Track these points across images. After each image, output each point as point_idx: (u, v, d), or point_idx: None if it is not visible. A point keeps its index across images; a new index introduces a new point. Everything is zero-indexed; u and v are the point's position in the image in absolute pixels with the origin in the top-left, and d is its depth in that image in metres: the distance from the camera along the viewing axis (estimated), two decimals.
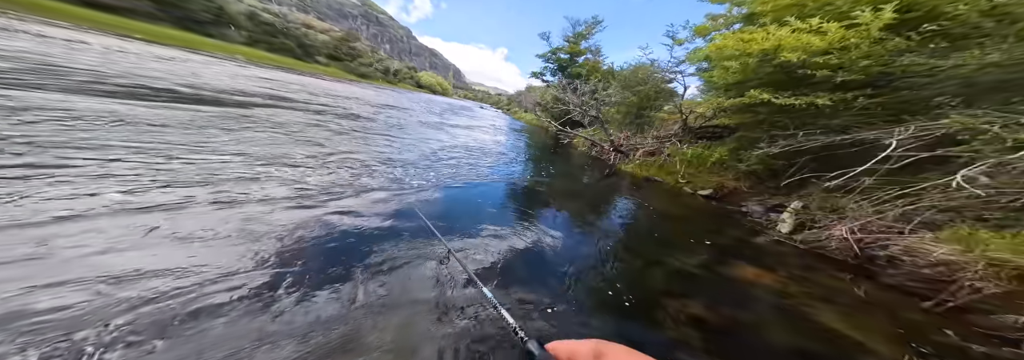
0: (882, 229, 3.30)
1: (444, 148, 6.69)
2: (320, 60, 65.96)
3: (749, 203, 5.14)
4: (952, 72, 2.79)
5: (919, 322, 2.30)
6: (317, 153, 4.22)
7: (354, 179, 3.48)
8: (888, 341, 2.02)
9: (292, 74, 24.37)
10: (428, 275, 1.97)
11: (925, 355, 1.92)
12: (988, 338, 2.11)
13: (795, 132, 4.36)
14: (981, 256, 2.44)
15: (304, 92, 12.11)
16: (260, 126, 5.04)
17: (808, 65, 4.29)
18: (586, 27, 18.96)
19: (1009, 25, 2.59)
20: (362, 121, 8.10)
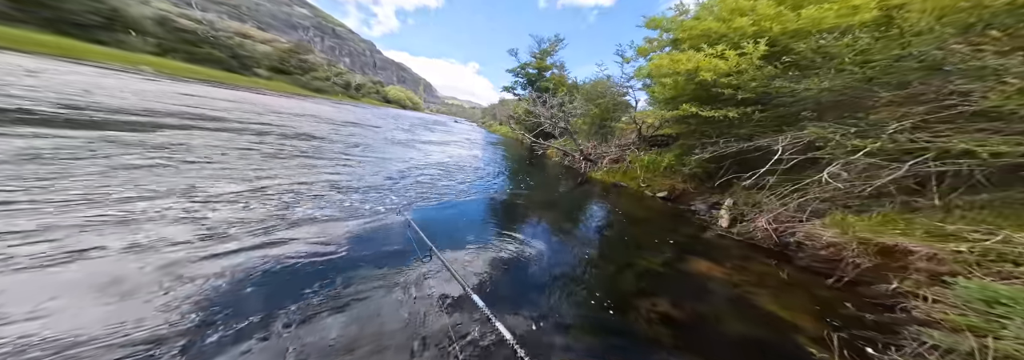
0: (788, 219, 4.08)
1: (414, 167, 6.28)
2: (261, 73, 59.92)
3: (696, 202, 5.95)
4: (804, 94, 3.73)
5: (827, 298, 2.66)
6: (245, 183, 3.47)
7: (287, 212, 2.89)
8: (811, 318, 2.34)
9: (223, 89, 21.38)
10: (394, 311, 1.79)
11: (837, 328, 2.20)
12: (874, 306, 2.48)
13: (717, 140, 5.27)
14: (854, 237, 2.99)
15: (240, 110, 10.54)
16: (162, 153, 4.10)
17: (718, 84, 5.29)
18: (550, 44, 20.51)
19: (830, 61, 3.56)
20: (315, 142, 7.13)
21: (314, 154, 5.92)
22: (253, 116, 9.65)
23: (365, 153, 6.96)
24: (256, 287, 1.86)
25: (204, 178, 3.48)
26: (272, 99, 20.56)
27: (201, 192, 3.06)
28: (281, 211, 2.95)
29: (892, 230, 2.89)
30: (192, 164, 3.90)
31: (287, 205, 3.10)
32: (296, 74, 68.05)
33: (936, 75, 2.64)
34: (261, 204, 3.03)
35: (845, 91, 3.35)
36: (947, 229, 2.52)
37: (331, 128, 10.38)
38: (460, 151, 10.90)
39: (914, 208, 2.83)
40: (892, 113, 2.91)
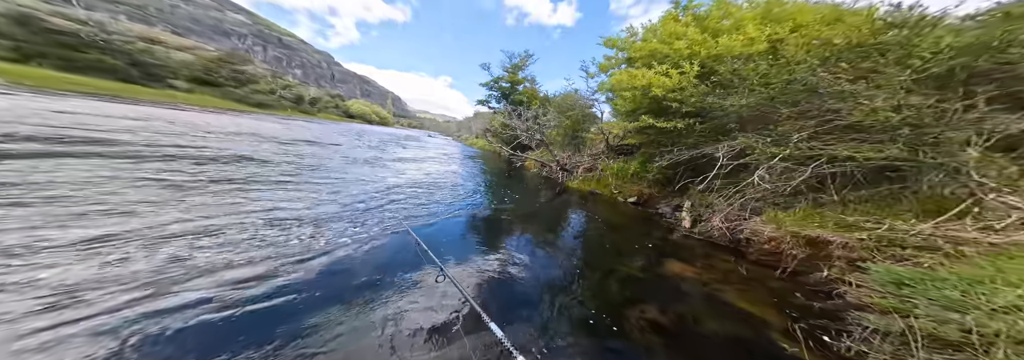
0: (736, 217, 4.65)
1: (383, 190, 5.57)
2: (177, 85, 51.77)
3: (661, 205, 6.53)
4: (730, 109, 4.42)
5: (779, 289, 2.88)
6: (136, 225, 2.68)
7: (187, 263, 2.20)
8: (773, 311, 2.50)
9: (121, 104, 18.11)
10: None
11: (796, 319, 2.36)
12: (816, 294, 2.72)
13: (672, 148, 5.93)
14: (786, 231, 3.44)
15: (146, 130, 8.62)
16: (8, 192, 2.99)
17: (667, 99, 6.01)
18: (521, 59, 21.65)
19: (743, 82, 4.30)
20: (249, 166, 5.87)
21: (243, 181, 4.74)
22: (164, 137, 7.74)
23: (320, 176, 5.84)
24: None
25: (72, 222, 2.60)
26: (195, 116, 17.44)
27: (69, 240, 2.32)
28: (176, 263, 2.23)
29: (812, 223, 3.45)
30: (49, 206, 2.86)
31: (190, 252, 2.36)
32: (228, 86, 60.70)
33: (816, 96, 3.34)
34: (151, 253, 2.30)
35: (758, 107, 4.05)
36: (848, 220, 3.10)
37: (275, 149, 8.75)
38: (437, 167, 10.53)
39: (822, 203, 3.44)
40: (793, 126, 3.58)
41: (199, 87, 56.38)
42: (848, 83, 2.91)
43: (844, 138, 3.10)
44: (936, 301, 1.91)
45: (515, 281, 2.77)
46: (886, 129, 2.67)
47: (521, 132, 12.46)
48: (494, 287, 2.62)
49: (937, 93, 2.43)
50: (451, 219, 4.60)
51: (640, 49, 7.55)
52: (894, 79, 2.51)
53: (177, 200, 3.53)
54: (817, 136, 3.35)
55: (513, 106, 15.85)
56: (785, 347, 2.07)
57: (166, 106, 22.91)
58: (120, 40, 52.08)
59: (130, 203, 3.22)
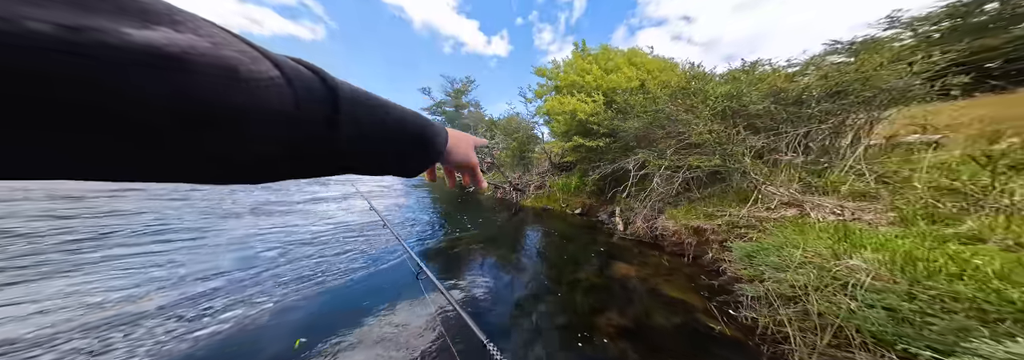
0: (651, 217, 5.97)
1: (289, 244, 4.35)
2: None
3: (601, 213, 7.80)
4: (628, 130, 5.94)
5: (691, 274, 3.47)
6: None
7: None
8: (694, 295, 2.97)
9: None
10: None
11: (708, 298, 2.83)
12: (711, 273, 3.36)
13: (599, 163, 7.35)
14: (681, 225, 4.68)
15: None
16: None
17: (590, 122, 7.55)
18: (463, 84, 23.29)
19: (632, 109, 5.92)
20: (52, 237, 4.23)
21: (70, 253, 3.60)
22: None
23: (195, 237, 4.42)
24: None
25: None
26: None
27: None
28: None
29: (693, 216, 4.82)
30: None
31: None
32: None
33: (671, 122, 4.92)
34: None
35: (644, 129, 5.60)
36: (710, 211, 4.47)
37: (138, 203, 6.72)
38: (370, 203, 9.73)
39: (693, 200, 4.86)
40: (665, 144, 5.10)
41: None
42: (684, 114, 4.48)
43: (691, 152, 4.62)
44: (770, 266, 2.60)
45: (487, 306, 2.90)
46: (709, 145, 4.17)
47: None
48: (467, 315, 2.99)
49: (723, 122, 4.04)
50: (405, 259, 4.19)
51: (564, 79, 9.34)
52: (703, 113, 4.07)
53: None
54: (679, 151, 4.86)
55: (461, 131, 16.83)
56: (712, 326, 2.43)
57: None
58: None
59: None
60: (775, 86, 3.70)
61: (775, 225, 3.45)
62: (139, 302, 2.70)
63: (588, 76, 8.39)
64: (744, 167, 3.80)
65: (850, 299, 2.14)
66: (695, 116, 4.26)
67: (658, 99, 5.16)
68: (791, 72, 3.75)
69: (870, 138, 3.44)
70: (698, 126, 4.12)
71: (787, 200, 3.46)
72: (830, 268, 2.45)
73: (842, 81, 3.15)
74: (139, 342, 2.20)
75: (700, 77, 4.25)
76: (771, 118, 3.76)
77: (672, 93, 4.87)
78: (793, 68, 3.74)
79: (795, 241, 3.01)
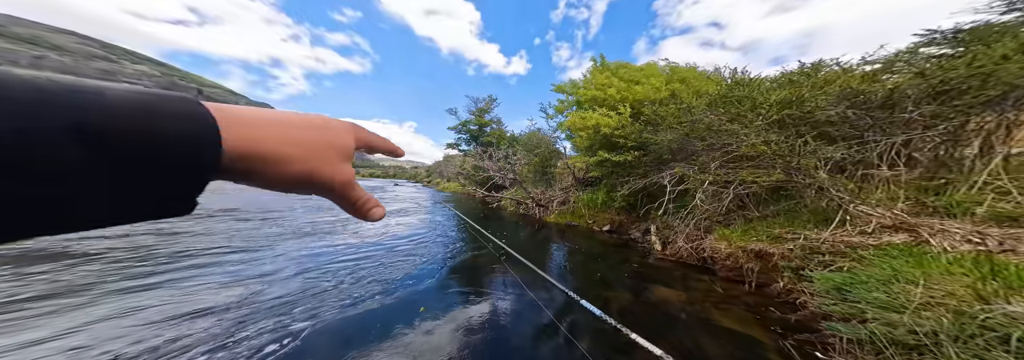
0: (696, 237, 5.20)
1: (336, 273, 4.04)
2: None
3: (632, 231, 7.05)
4: (661, 143, 5.37)
5: (754, 304, 3.01)
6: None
7: None
8: (758, 328, 2.58)
9: None
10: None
11: (781, 335, 2.42)
12: (782, 305, 2.85)
13: (628, 178, 6.73)
14: (736, 247, 3.88)
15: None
16: None
17: (614, 135, 7.05)
18: (486, 103, 23.90)
19: (664, 120, 5.38)
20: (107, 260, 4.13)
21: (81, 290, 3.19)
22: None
23: (238, 264, 4.19)
24: None
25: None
26: None
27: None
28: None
29: (752, 238, 4.04)
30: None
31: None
32: None
33: (712, 133, 4.31)
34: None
35: (679, 142, 5.01)
36: (776, 232, 3.70)
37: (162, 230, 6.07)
38: (405, 220, 9.72)
39: (750, 219, 4.10)
40: (708, 156, 4.46)
41: None
42: (727, 124, 3.89)
43: (743, 165, 3.95)
44: (874, 303, 2.07)
45: (511, 324, 2.73)
46: (766, 158, 3.52)
47: (494, 172, 13.18)
48: (489, 334, 2.57)
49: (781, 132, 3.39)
50: (435, 269, 4.51)
51: (584, 94, 9.03)
52: (755, 122, 3.47)
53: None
54: (726, 164, 4.20)
55: (483, 147, 16.97)
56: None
57: None
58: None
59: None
60: (849, 88, 3.05)
61: (875, 253, 2.69)
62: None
63: (610, 89, 8.01)
64: (819, 183, 3.10)
65: (1014, 357, 1.59)
66: (743, 126, 3.66)
67: (694, 109, 4.61)
68: (869, 71, 3.10)
69: (1009, 146, 2.63)
70: (749, 137, 3.51)
71: (891, 223, 2.69)
72: (976, 314, 1.80)
73: (950, 78, 2.48)
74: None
75: (745, 83, 3.71)
76: (850, 125, 3.08)
77: (710, 102, 4.31)
78: (872, 66, 3.09)
79: (909, 274, 2.28)
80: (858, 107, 2.98)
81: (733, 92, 3.98)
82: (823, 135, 3.12)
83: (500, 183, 13.64)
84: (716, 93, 4.29)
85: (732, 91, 4.02)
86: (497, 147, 16.41)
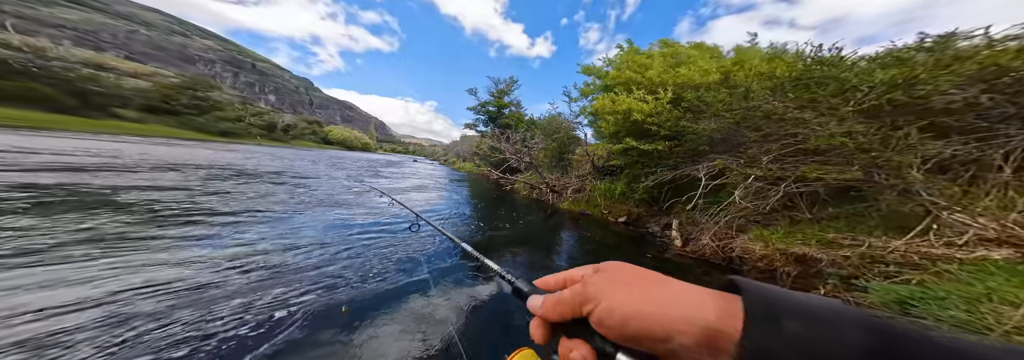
0: (724, 235, 4.76)
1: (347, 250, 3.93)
2: (125, 114, 47.66)
3: (650, 224, 6.62)
4: (701, 132, 4.76)
5: None
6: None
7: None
8: None
9: (36, 136, 15.47)
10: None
11: None
12: None
13: (655, 169, 6.19)
14: (774, 249, 3.49)
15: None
16: None
17: (647, 122, 6.42)
18: (506, 84, 22.87)
19: (709, 107, 4.72)
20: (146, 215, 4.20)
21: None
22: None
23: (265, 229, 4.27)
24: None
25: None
26: (123, 146, 15.26)
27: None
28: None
29: (796, 241, 3.57)
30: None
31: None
32: (188, 114, 55.91)
33: (773, 122, 3.69)
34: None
35: (725, 131, 4.40)
36: (828, 237, 3.23)
37: (200, 182, 6.96)
38: (421, 196, 9.98)
39: (797, 221, 3.61)
40: (760, 149, 3.88)
41: (152, 116, 51.66)
42: (795, 111, 3.26)
43: (806, 160, 3.38)
44: (945, 321, 1.87)
45: (513, 309, 2.66)
46: (843, 153, 2.95)
47: (510, 155, 12.74)
48: (491, 317, 2.54)
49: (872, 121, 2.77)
50: (448, 244, 4.42)
51: (616, 77, 8.22)
52: (841, 108, 2.84)
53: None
54: (782, 158, 3.63)
55: (501, 129, 16.38)
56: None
57: (94, 137, 20.00)
58: (60, 67, 46.83)
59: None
60: (995, 66, 2.33)
61: (964, 268, 2.23)
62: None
63: (649, 72, 7.20)
64: (908, 184, 2.56)
65: None
66: (818, 114, 3.05)
67: (752, 94, 3.95)
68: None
69: None
70: (825, 127, 2.92)
71: (995, 235, 2.20)
72: None
73: None
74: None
75: (832, 63, 3.04)
76: (977, 115, 2.44)
77: (776, 86, 3.63)
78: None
79: (1010, 295, 1.88)
80: (999, 91, 2.31)
81: (811, 73, 3.29)
82: (932, 127, 2.52)
83: (515, 166, 13.23)
84: (785, 75, 3.58)
85: (810, 72, 3.33)
86: (515, 130, 15.82)
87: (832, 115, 2.95)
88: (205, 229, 3.94)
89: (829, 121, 2.93)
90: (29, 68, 43.68)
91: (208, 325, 2.09)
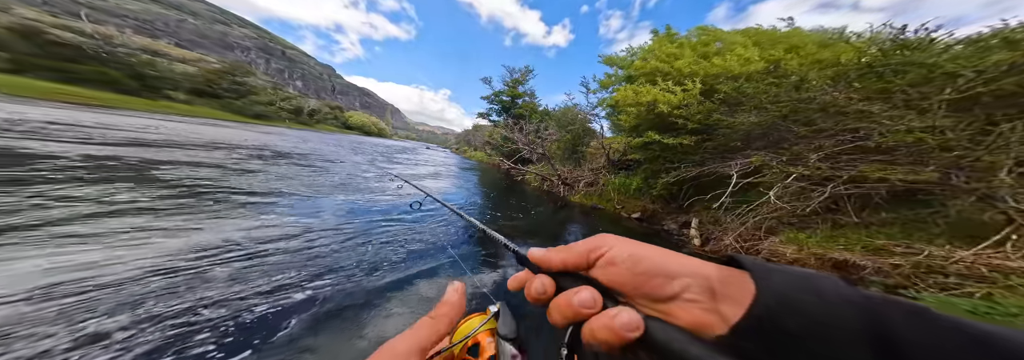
0: (750, 237, 4.47)
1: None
2: (176, 96, 51.54)
3: (667, 221, 6.33)
4: (738, 126, 4.37)
5: None
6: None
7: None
8: None
9: (109, 114, 17.00)
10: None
11: None
12: None
13: (678, 165, 5.84)
14: (809, 253, 3.22)
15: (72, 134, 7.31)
16: None
17: (672, 115, 6.01)
18: (521, 73, 22.18)
19: (751, 99, 4.30)
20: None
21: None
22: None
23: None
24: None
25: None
26: (171, 124, 16.57)
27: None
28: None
29: (836, 245, 3.27)
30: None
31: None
32: (228, 98, 60.32)
33: (830, 116, 3.30)
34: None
35: (768, 126, 4.01)
36: (876, 244, 2.92)
37: (236, 159, 7.57)
38: (435, 184, 10.06)
39: (841, 225, 3.28)
40: (808, 145, 3.50)
41: (198, 98, 55.75)
42: (862, 103, 2.87)
43: (866, 159, 3.02)
44: None
45: (518, 302, 2.61)
46: (916, 151, 2.59)
47: (523, 145, 12.42)
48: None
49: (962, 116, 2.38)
50: (456, 232, 4.47)
51: (641, 67, 7.71)
52: (932, 98, 2.43)
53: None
54: (834, 156, 3.26)
55: (514, 119, 15.97)
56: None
57: (152, 116, 21.99)
58: (124, 52, 52.16)
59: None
60: None
61: None
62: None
63: (679, 62, 6.70)
64: (993, 189, 2.22)
65: None
66: (892, 106, 2.66)
67: (807, 84, 3.52)
68: None
69: None
70: (901, 121, 2.54)
71: None
72: None
73: None
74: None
75: (916, 46, 2.59)
76: None
77: (841, 73, 3.17)
78: None
79: None
80: None
81: (889, 60, 2.85)
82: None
83: (527, 157, 12.93)
84: (852, 62, 3.12)
85: (887, 58, 2.88)
86: (528, 120, 15.38)
87: (910, 108, 2.55)
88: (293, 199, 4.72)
89: (905, 115, 2.55)
90: (100, 54, 47.88)
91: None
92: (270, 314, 2.02)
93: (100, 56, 47.61)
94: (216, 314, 1.94)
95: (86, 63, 44.18)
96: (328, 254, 2.88)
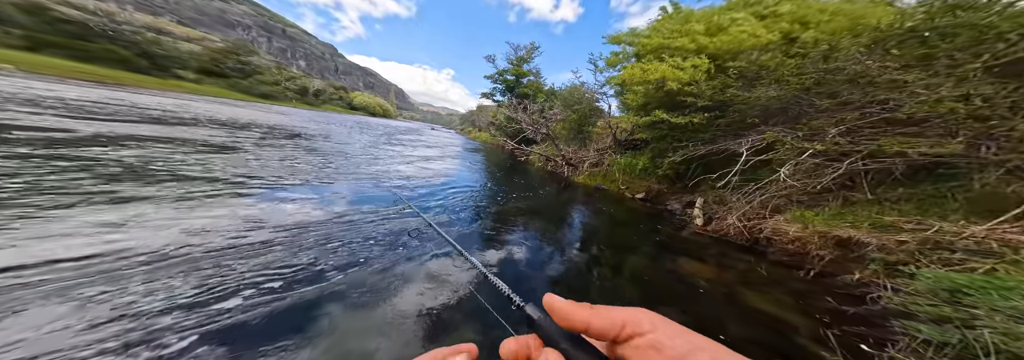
0: (755, 216, 4.40)
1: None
2: (185, 75, 50.87)
3: (671, 202, 6.28)
4: (754, 101, 4.11)
5: (805, 291, 2.67)
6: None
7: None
8: (800, 315, 2.34)
9: (118, 91, 17.12)
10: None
11: (827, 324, 2.19)
12: (846, 297, 2.48)
13: (686, 144, 5.64)
14: (814, 231, 3.16)
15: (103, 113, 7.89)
16: None
17: (682, 93, 5.68)
18: (526, 51, 20.98)
19: (772, 72, 3.98)
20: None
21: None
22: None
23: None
24: None
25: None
26: (174, 101, 16.54)
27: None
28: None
29: (843, 223, 3.19)
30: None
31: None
32: (235, 77, 59.51)
33: (858, 86, 3.04)
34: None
35: (787, 100, 3.75)
36: (885, 220, 2.84)
37: (244, 137, 7.93)
38: (437, 166, 9.72)
39: (853, 201, 3.19)
40: (828, 119, 3.29)
41: (206, 78, 55.07)
42: (900, 72, 2.61)
43: (891, 132, 2.82)
44: (1002, 310, 1.70)
45: (520, 274, 2.71)
46: (946, 122, 2.39)
47: (527, 125, 12.09)
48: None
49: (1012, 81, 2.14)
50: (460, 210, 4.52)
51: (646, 44, 7.15)
52: (966, 65, 2.19)
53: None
54: (857, 130, 3.07)
55: (519, 99, 15.40)
56: (825, 355, 1.90)
57: (163, 95, 22.25)
58: (129, 30, 50.87)
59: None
60: None
61: None
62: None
63: (682, 39, 6.15)
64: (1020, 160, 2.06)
65: None
66: (932, 73, 2.40)
67: (837, 53, 3.20)
68: None
69: None
70: (937, 90, 2.31)
71: None
72: None
73: None
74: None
75: (971, 5, 2.24)
76: None
77: (879, 39, 2.83)
78: None
79: None
80: None
81: (935, 22, 2.51)
82: None
83: (531, 137, 12.65)
84: (893, 26, 2.77)
85: (933, 20, 2.53)
86: (533, 100, 14.81)
87: (949, 75, 2.31)
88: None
89: (943, 83, 2.31)
90: (106, 31, 46.72)
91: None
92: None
93: (107, 34, 46.60)
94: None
95: (95, 41, 43.51)
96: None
